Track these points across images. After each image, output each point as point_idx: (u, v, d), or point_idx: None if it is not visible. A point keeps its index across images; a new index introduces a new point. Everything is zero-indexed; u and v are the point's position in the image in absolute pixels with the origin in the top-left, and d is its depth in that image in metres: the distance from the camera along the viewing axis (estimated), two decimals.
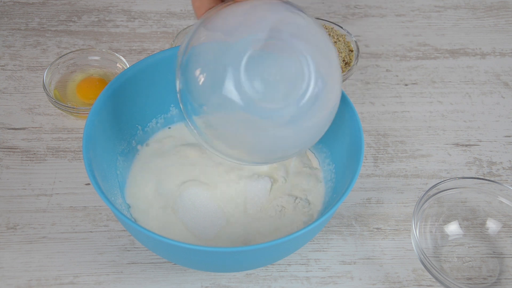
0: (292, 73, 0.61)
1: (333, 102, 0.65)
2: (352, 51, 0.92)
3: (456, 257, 0.75)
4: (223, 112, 0.61)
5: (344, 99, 0.74)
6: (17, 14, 1.01)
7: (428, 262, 0.70)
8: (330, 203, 0.73)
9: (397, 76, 0.96)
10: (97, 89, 0.86)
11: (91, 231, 0.76)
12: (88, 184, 0.80)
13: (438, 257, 0.75)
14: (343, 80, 0.90)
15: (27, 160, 0.82)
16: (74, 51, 0.90)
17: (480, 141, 0.87)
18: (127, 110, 0.77)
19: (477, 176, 0.83)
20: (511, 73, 0.97)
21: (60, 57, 0.89)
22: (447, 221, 0.77)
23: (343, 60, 0.90)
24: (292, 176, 0.78)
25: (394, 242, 0.77)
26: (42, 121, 0.87)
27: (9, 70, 0.93)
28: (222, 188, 0.75)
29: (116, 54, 0.90)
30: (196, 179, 0.76)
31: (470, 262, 0.74)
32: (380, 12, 1.06)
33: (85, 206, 0.78)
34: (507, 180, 0.84)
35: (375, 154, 0.86)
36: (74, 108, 0.84)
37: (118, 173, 0.75)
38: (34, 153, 0.83)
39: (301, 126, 0.63)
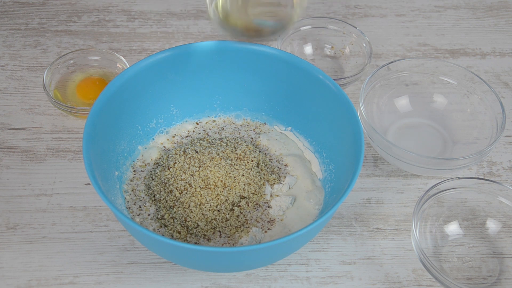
0: None
1: None
2: None
3: (456, 257, 0.75)
4: None
5: (344, 99, 0.74)
6: (17, 14, 1.01)
7: (428, 262, 0.70)
8: (330, 203, 0.73)
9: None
10: (97, 89, 0.86)
11: (91, 231, 0.76)
12: (88, 184, 0.80)
13: (438, 257, 0.75)
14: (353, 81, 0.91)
15: (27, 160, 0.82)
16: (74, 51, 0.90)
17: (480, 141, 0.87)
18: (127, 110, 0.77)
19: (477, 176, 0.83)
20: (511, 73, 0.97)
21: (60, 57, 0.89)
22: (447, 221, 0.77)
23: None
24: (292, 176, 0.78)
25: (394, 242, 0.76)
26: (42, 121, 0.87)
27: (9, 70, 0.93)
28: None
29: (116, 54, 0.90)
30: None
31: (470, 262, 0.74)
32: (380, 12, 1.06)
33: (85, 206, 0.78)
34: (507, 180, 0.84)
35: (375, 154, 0.86)
36: (74, 108, 0.84)
37: (118, 173, 0.75)
38: (34, 153, 0.83)
39: None
